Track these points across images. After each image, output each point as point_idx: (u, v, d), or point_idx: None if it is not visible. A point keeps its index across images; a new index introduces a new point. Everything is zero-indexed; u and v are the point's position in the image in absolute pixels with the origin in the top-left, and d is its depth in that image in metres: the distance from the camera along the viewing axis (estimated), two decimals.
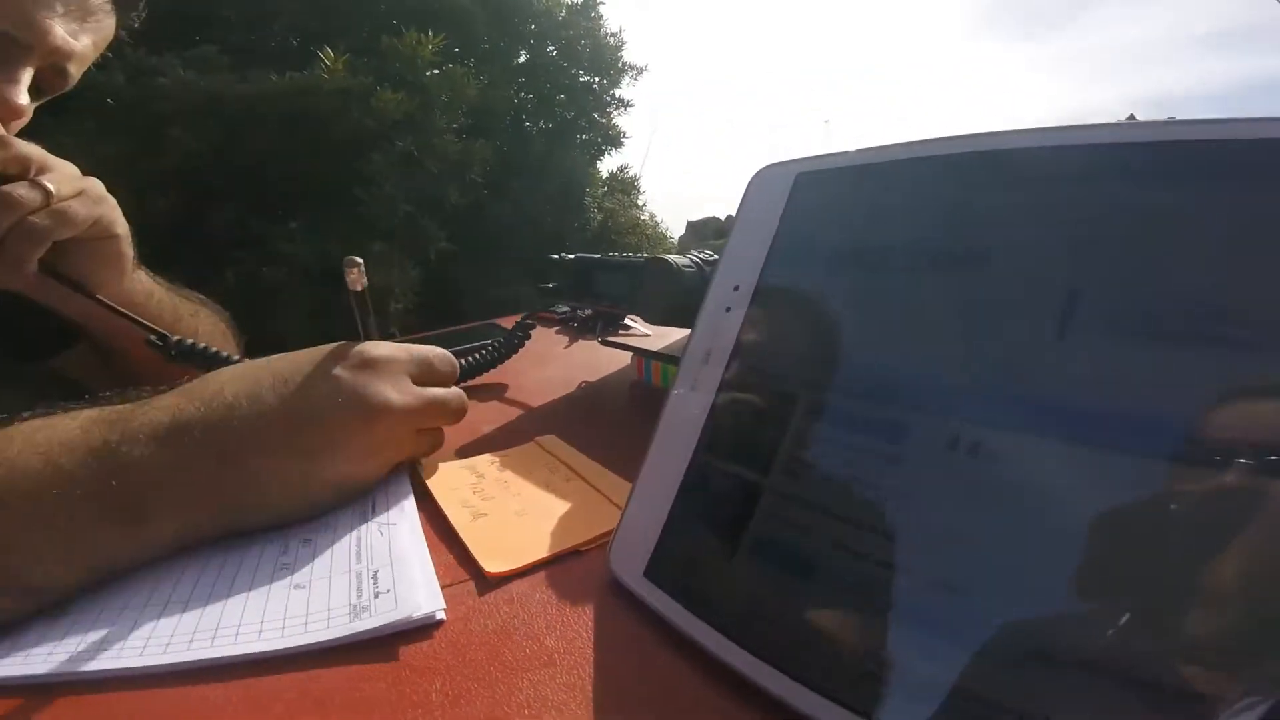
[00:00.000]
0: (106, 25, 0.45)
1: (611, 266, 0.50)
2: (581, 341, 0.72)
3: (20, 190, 0.37)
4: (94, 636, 0.23)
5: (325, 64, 1.50)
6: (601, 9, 2.81)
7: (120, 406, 0.29)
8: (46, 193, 0.38)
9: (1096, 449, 0.16)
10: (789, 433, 0.22)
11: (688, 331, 0.28)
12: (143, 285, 0.50)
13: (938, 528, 0.18)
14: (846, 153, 0.23)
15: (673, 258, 0.40)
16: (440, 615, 0.25)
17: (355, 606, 0.24)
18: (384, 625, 0.24)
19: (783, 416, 0.23)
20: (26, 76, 0.40)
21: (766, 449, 0.23)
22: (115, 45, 0.48)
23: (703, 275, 0.40)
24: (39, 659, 0.22)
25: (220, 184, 1.44)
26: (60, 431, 0.27)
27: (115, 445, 0.26)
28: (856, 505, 0.20)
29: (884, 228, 0.22)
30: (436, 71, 1.73)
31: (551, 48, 2.77)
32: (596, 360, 0.62)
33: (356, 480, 0.33)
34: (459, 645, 0.24)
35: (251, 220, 1.45)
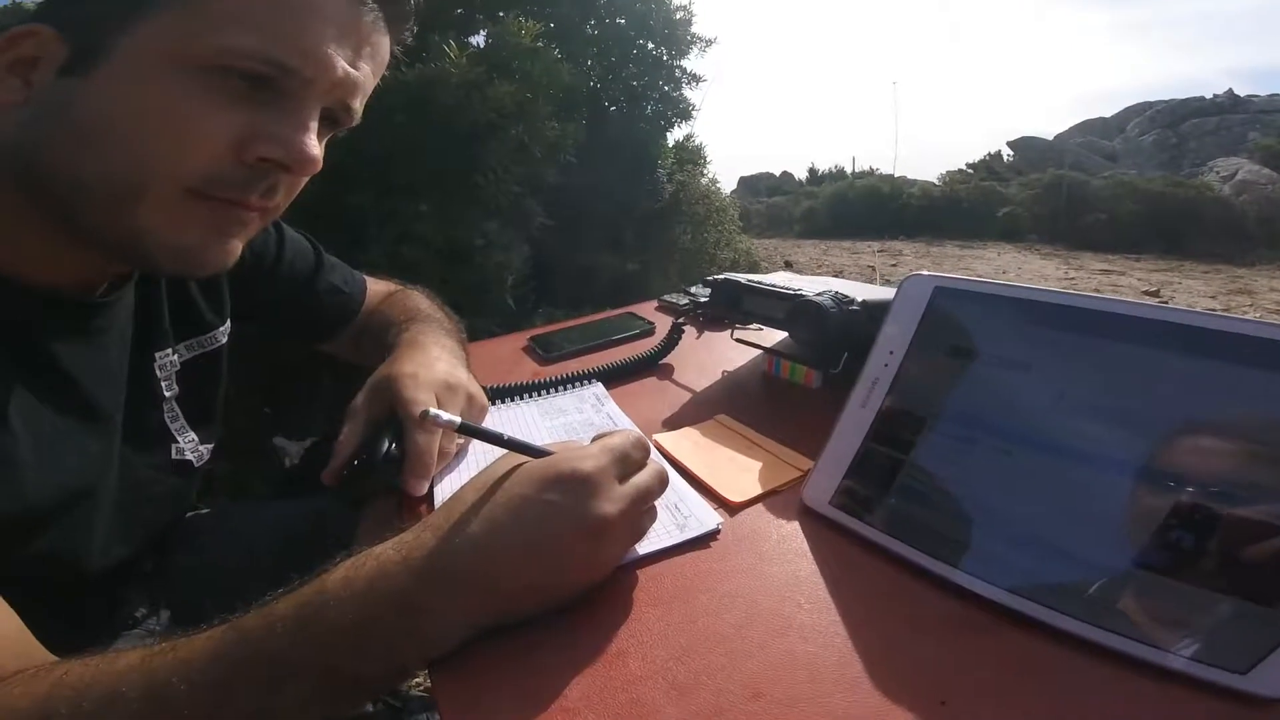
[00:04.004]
0: (382, 48, 0.45)
1: (759, 292, 0.69)
2: (708, 334, 0.91)
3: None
4: None
5: (450, 56, 1.67)
6: None
7: (391, 555, 0.35)
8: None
9: (1069, 462, 0.35)
10: (920, 435, 0.42)
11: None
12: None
13: (995, 487, 0.38)
14: (972, 279, 0.42)
15: (821, 300, 0.59)
16: (718, 526, 0.46)
17: (679, 525, 0.45)
18: (696, 535, 0.45)
19: (917, 426, 0.43)
20: (315, 119, 0.42)
21: (907, 442, 0.43)
22: None
23: (842, 313, 0.59)
24: None
25: (357, 171, 1.65)
26: (383, 561, 0.34)
27: (411, 591, 0.33)
28: (952, 472, 0.40)
29: (988, 334, 0.41)
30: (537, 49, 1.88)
31: (621, 19, 2.85)
32: (726, 352, 0.82)
33: (598, 579, 0.39)
34: (730, 544, 0.45)
35: (386, 203, 1.66)
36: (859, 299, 0.61)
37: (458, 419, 0.39)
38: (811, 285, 0.69)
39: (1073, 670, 0.33)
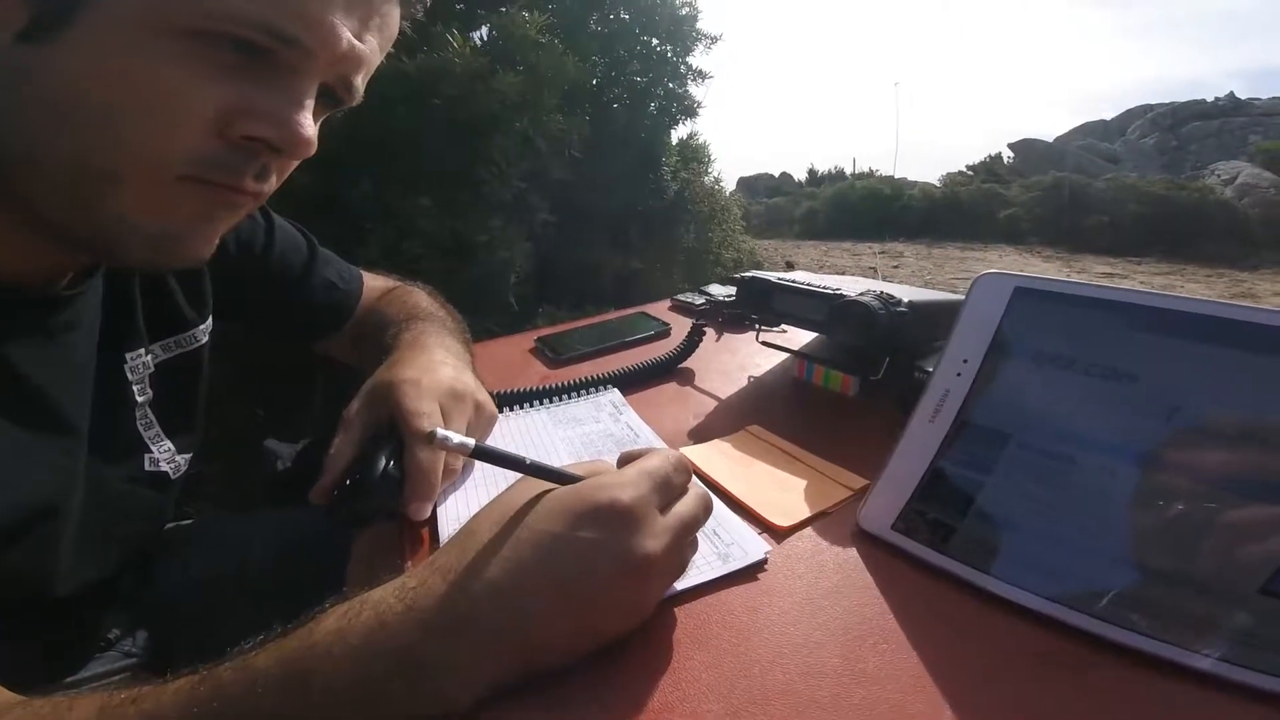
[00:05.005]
0: (391, 20, 0.39)
1: (795, 291, 0.63)
2: (728, 336, 0.85)
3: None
4: None
5: (454, 46, 1.62)
6: None
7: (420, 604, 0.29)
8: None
9: (1189, 484, 0.30)
10: (1003, 452, 0.37)
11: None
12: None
13: (1098, 511, 0.33)
14: (1058, 279, 0.37)
15: (867, 301, 0.54)
16: (765, 556, 0.40)
17: (721, 555, 0.40)
18: (741, 567, 0.39)
19: (999, 442, 0.37)
20: (312, 96, 0.36)
21: (987, 460, 0.37)
22: None
23: (889, 314, 0.53)
24: None
25: (354, 161, 1.59)
26: (381, 611, 0.29)
27: (418, 646, 0.28)
28: (1044, 493, 0.35)
29: (1083, 340, 0.36)
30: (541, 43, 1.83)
31: (625, 14, 2.81)
32: (751, 355, 0.76)
33: (638, 623, 0.34)
34: (780, 575, 0.39)
35: (385, 196, 1.60)
36: (905, 299, 0.55)
37: (471, 442, 0.33)
38: (847, 284, 0.63)
39: (1200, 710, 0.28)
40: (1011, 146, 11.39)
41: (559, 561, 0.31)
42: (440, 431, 0.33)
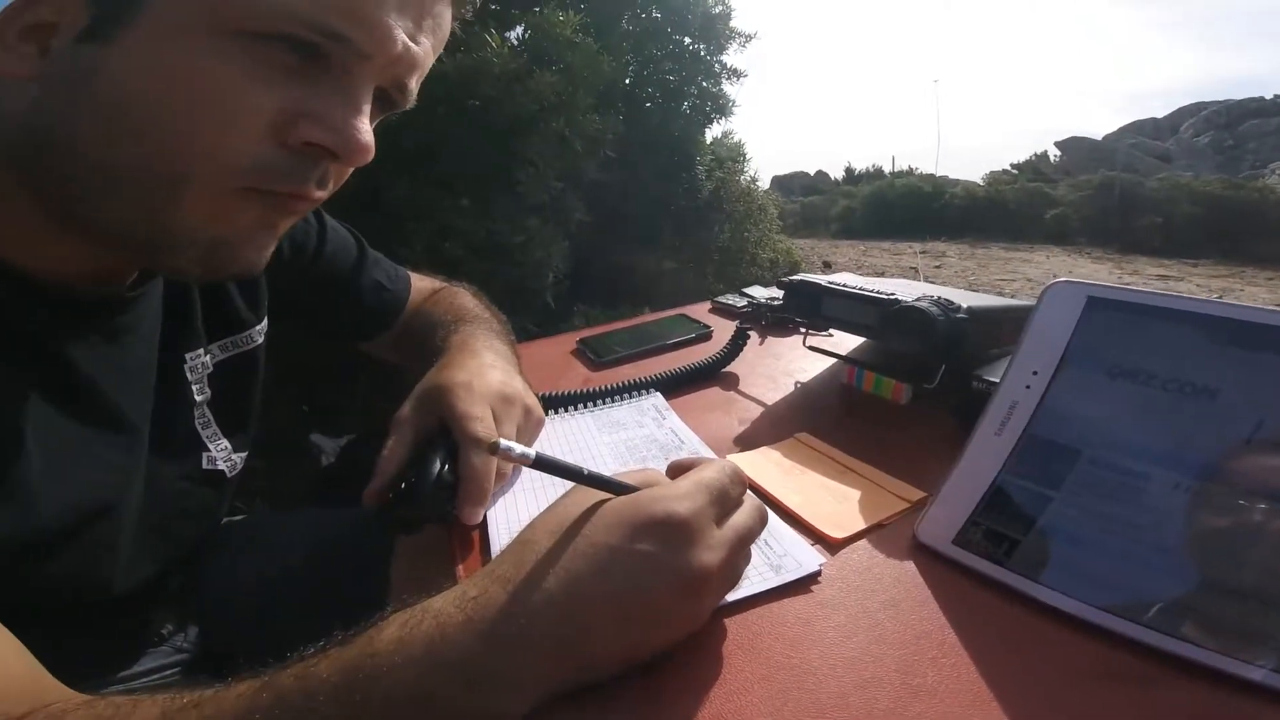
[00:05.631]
0: (445, 21, 0.39)
1: (846, 295, 0.62)
2: (771, 339, 0.84)
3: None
4: None
5: (492, 46, 1.63)
6: None
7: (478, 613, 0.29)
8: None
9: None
10: (1074, 468, 0.35)
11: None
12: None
13: (1176, 530, 0.31)
14: (1134, 289, 0.35)
15: (925, 307, 0.52)
16: (819, 568, 0.39)
17: (774, 566, 0.39)
18: (795, 579, 0.38)
19: (1070, 457, 0.35)
20: (369, 100, 0.36)
21: (1057, 475, 0.35)
22: None
23: (949, 320, 0.51)
24: None
25: (393, 162, 1.62)
26: (442, 621, 0.29)
27: (480, 658, 0.28)
28: (1118, 511, 0.34)
29: (1160, 352, 0.34)
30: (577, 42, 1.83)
31: (657, 13, 2.80)
32: (797, 360, 0.75)
33: (691, 632, 0.33)
34: (834, 588, 0.38)
35: (422, 196, 1.63)
36: (964, 305, 0.53)
37: (532, 452, 0.32)
38: (899, 288, 0.61)
39: None
40: (1059, 145, 11.04)
41: (616, 575, 0.30)
42: (504, 442, 0.32)
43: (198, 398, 0.51)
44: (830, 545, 0.42)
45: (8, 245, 0.36)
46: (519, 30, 2.00)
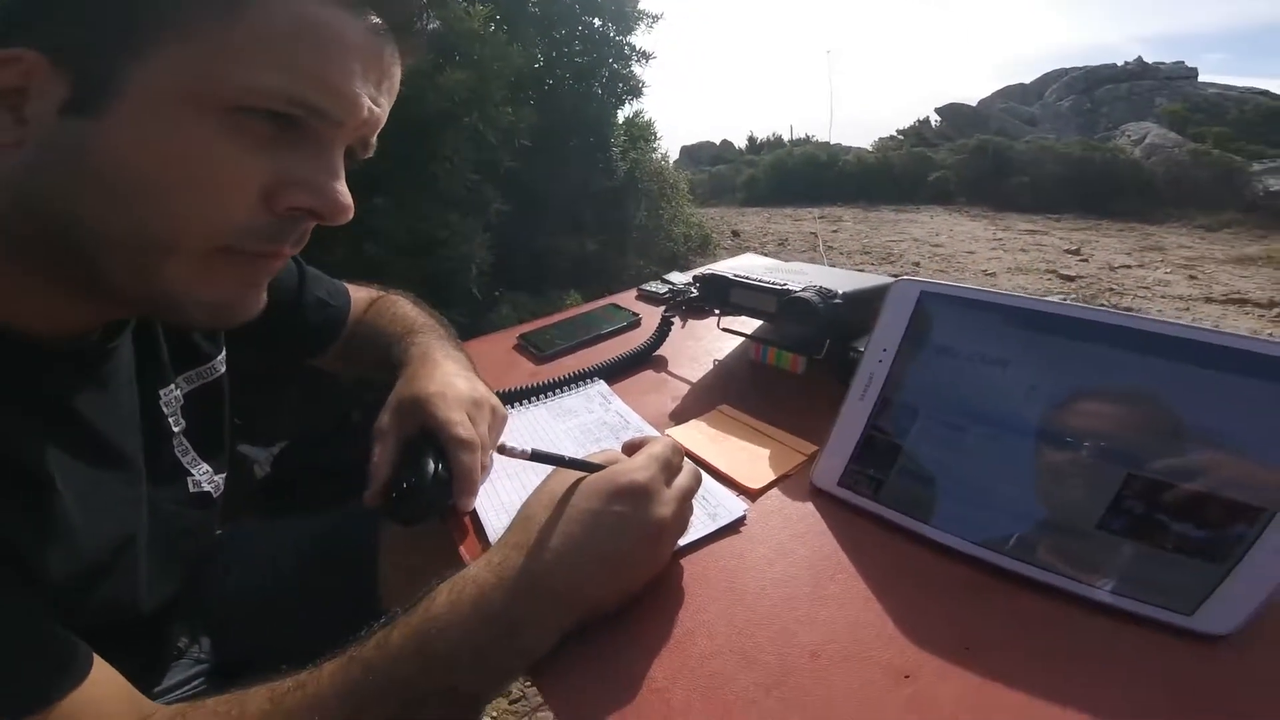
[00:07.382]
0: (398, 79, 0.43)
1: (747, 286, 0.73)
2: (692, 322, 0.95)
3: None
4: None
5: None
6: None
7: (488, 577, 0.39)
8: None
9: (1044, 444, 0.42)
10: (915, 423, 0.48)
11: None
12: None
13: (986, 467, 0.45)
14: (953, 285, 0.48)
15: (808, 296, 0.64)
16: (744, 513, 0.51)
17: (711, 514, 0.50)
18: (727, 523, 0.50)
19: (912, 415, 0.49)
20: (342, 161, 0.40)
21: (904, 429, 0.49)
22: None
23: (827, 306, 0.64)
24: None
25: None
26: (481, 584, 0.38)
27: (512, 609, 0.38)
28: (947, 454, 0.47)
29: (970, 334, 0.47)
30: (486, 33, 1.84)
31: None
32: (714, 341, 0.87)
33: (658, 572, 0.44)
34: (757, 527, 0.50)
35: None
36: (840, 291, 0.66)
37: (529, 448, 0.43)
38: (791, 277, 0.74)
39: (1066, 618, 0.40)
40: (939, 111, 11.80)
41: (601, 533, 0.40)
42: (508, 443, 0.42)
43: (175, 429, 0.54)
44: (750, 494, 0.54)
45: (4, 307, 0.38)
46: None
